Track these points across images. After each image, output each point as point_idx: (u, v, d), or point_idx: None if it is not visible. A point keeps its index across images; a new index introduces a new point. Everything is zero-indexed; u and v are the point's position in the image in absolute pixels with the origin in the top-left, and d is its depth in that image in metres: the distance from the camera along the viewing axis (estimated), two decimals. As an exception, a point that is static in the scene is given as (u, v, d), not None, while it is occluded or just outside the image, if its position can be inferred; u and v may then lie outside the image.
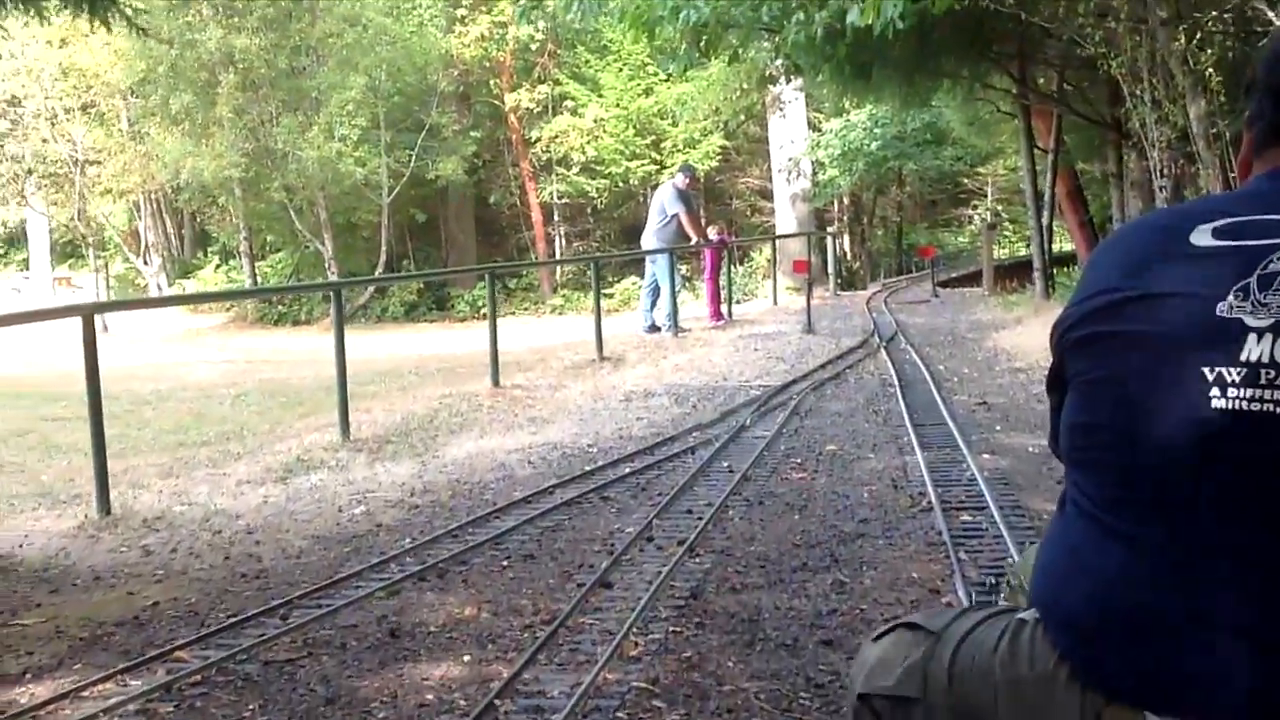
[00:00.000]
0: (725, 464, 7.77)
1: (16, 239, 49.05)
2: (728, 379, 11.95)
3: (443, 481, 7.84)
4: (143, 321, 31.77)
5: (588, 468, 7.85)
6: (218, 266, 36.48)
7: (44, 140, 31.67)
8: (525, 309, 30.74)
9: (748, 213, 35.06)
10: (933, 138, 29.89)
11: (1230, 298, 1.56)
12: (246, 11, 29.04)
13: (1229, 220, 1.65)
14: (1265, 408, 1.50)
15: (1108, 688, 1.65)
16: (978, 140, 26.07)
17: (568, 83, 31.66)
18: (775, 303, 21.36)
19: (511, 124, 32.17)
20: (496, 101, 32.25)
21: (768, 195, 32.62)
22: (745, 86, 24.03)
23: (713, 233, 18.46)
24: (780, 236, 28.46)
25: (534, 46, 31.43)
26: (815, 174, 30.40)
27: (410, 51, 29.93)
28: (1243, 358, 1.53)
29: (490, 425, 10.02)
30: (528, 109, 31.68)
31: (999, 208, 35.23)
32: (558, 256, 32.92)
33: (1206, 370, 1.54)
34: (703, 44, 13.78)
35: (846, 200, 34.13)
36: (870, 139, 29.30)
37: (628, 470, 7.70)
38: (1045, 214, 18.93)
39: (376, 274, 30.60)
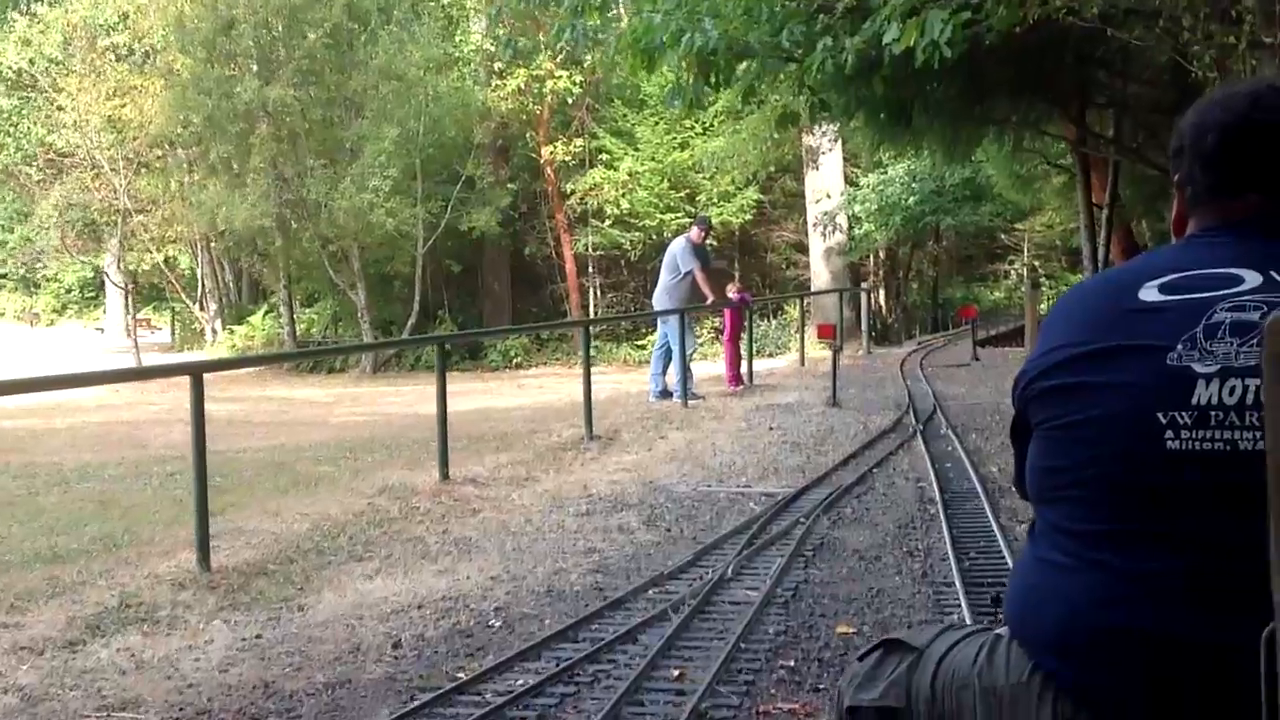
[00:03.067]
0: (671, 672, 4.54)
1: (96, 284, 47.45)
2: (725, 479, 8.74)
3: (251, 677, 4.70)
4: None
5: (461, 675, 4.64)
6: (266, 313, 33.71)
7: (85, 189, 29.28)
8: (558, 359, 27.69)
9: (783, 266, 32.05)
10: (972, 193, 26.74)
11: (1179, 347, 1.60)
12: (283, 63, 26.35)
13: (1173, 276, 1.68)
14: (1216, 446, 1.55)
15: (1076, 697, 1.66)
16: (1019, 196, 22.76)
17: (604, 136, 28.74)
18: (802, 363, 18.08)
19: (547, 176, 29.25)
20: (533, 154, 29.33)
21: (803, 249, 29.63)
22: (776, 137, 20.82)
23: (731, 291, 15.29)
24: (809, 294, 25.32)
25: (570, 100, 28.48)
26: (851, 228, 27.41)
27: (447, 104, 27.13)
28: (1193, 402, 1.57)
29: (400, 551, 6.90)
30: (564, 162, 28.75)
31: (1036, 264, 31.85)
32: (591, 307, 29.85)
33: (1160, 415, 1.58)
34: (712, 76, 10.53)
35: (882, 255, 31.02)
36: (908, 194, 26.26)
37: (520, 684, 4.47)
38: (1102, 276, 15.50)
39: (409, 324, 27.74)
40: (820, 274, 26.91)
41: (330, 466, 11.44)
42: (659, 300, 14.55)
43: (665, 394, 14.17)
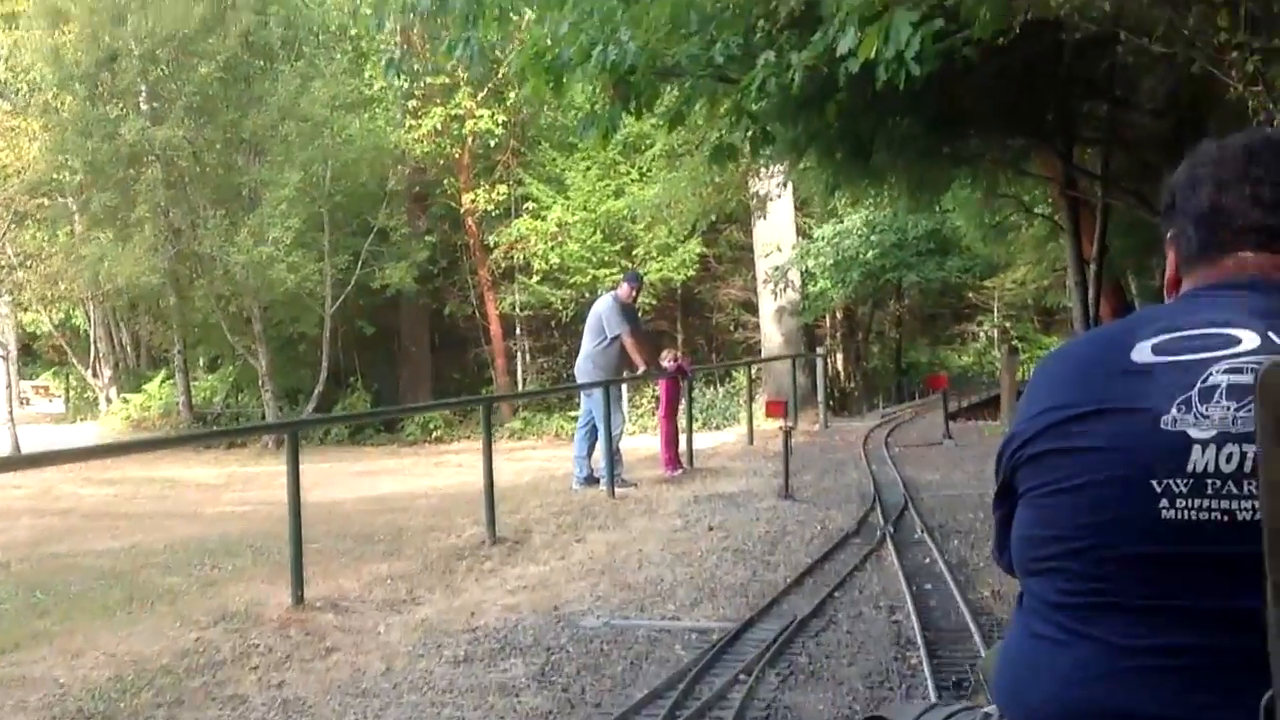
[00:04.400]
0: None
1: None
2: (649, 604, 7.32)
3: None
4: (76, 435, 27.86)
5: None
6: (165, 379, 32.02)
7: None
8: (480, 434, 26.15)
9: (730, 327, 30.91)
10: (937, 246, 25.72)
11: (1173, 411, 1.58)
12: (171, 99, 24.97)
13: (1167, 336, 1.67)
14: (1213, 516, 1.54)
15: None
16: (991, 248, 21.71)
17: (531, 182, 27.61)
18: (751, 440, 16.69)
19: (469, 227, 28.07)
20: (453, 203, 28.15)
21: (752, 308, 28.50)
22: (717, 180, 19.61)
23: (666, 359, 13.91)
24: (758, 360, 24.08)
25: (493, 142, 27.24)
26: (805, 285, 26.29)
27: (358, 147, 25.88)
28: (1189, 469, 1.56)
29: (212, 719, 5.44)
30: (486, 211, 27.59)
31: (1007, 324, 30.82)
32: (519, 373, 28.52)
33: (1155, 483, 1.57)
34: (631, 100, 9.20)
35: (839, 314, 29.92)
36: (866, 246, 25.19)
37: None
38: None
39: (316, 392, 26.27)
40: (771, 336, 25.77)
41: (179, 577, 9.98)
42: (582, 370, 13.20)
43: (591, 480, 12.80)
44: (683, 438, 14.41)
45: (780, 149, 11.81)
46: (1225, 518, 1.54)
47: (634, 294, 13.40)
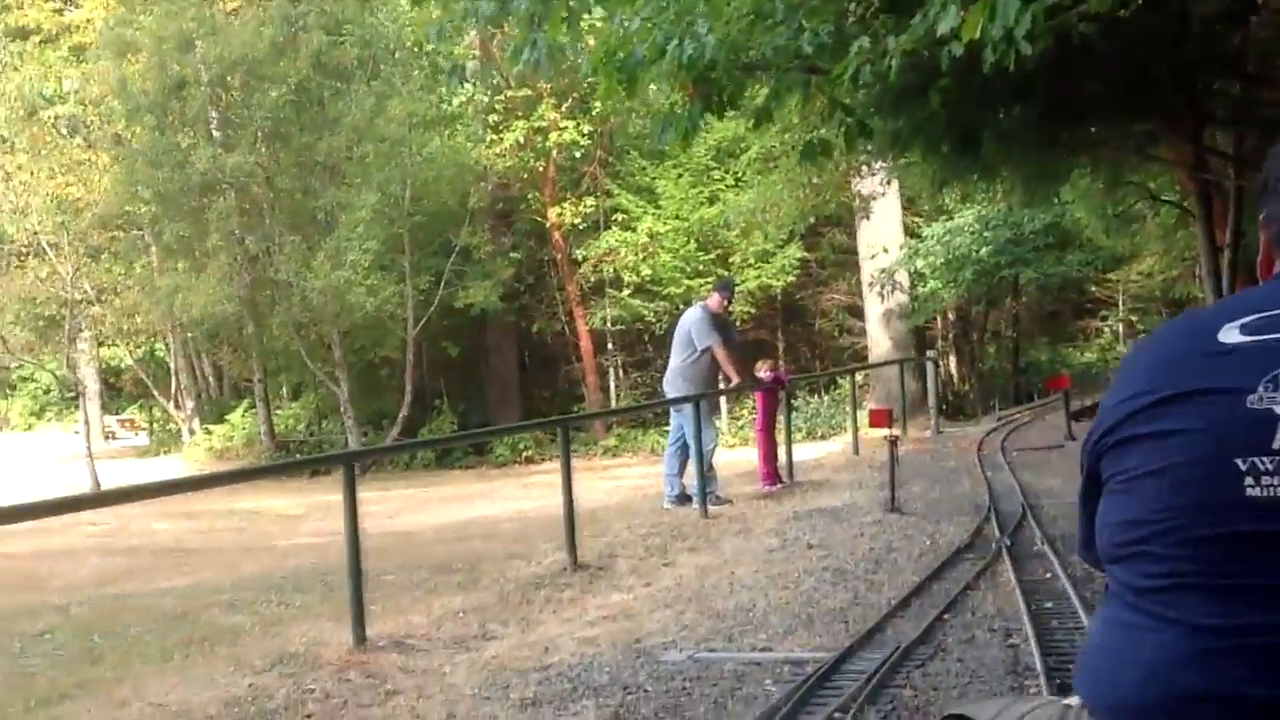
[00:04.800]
0: None
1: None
2: (738, 634, 6.91)
3: None
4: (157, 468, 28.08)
5: None
6: (246, 409, 32.28)
7: (38, 279, 28.07)
8: (575, 451, 25.82)
9: (835, 333, 30.36)
10: (1056, 240, 24.96)
11: (1260, 389, 1.60)
12: (243, 125, 25.12)
13: (1256, 316, 1.69)
14: None
15: None
16: (1114, 240, 20.98)
17: (619, 193, 27.34)
18: (856, 451, 16.21)
19: (555, 242, 27.80)
20: (538, 217, 27.94)
21: (857, 313, 28.00)
22: (815, 181, 19.13)
23: (762, 370, 13.50)
24: (863, 366, 23.49)
25: (579, 154, 27.00)
26: (914, 286, 25.76)
27: (437, 165, 25.82)
28: (1275, 446, 1.57)
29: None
30: (573, 225, 27.34)
31: (1133, 318, 29.87)
32: (612, 389, 28.21)
33: (1240, 461, 1.58)
34: (713, 98, 8.80)
35: (951, 315, 29.29)
36: (979, 244, 24.50)
37: None
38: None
39: (400, 416, 26.23)
40: (879, 341, 25.34)
41: (244, 615, 9.83)
42: (671, 385, 12.87)
43: (683, 498, 12.47)
44: (782, 450, 13.98)
45: (880, 144, 11.38)
46: None
47: (725, 304, 13.05)
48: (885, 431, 11.45)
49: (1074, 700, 1.80)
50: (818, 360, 30.36)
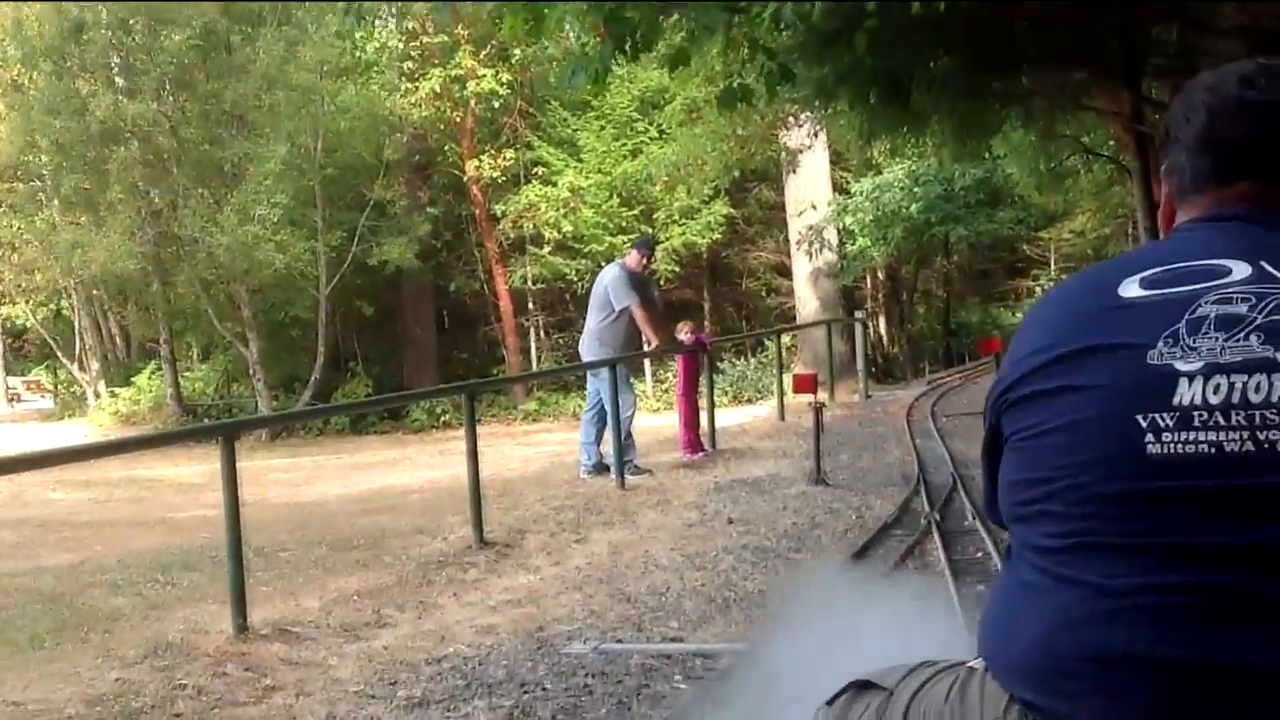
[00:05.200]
0: None
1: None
2: (649, 621, 6.52)
3: None
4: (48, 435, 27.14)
5: None
6: (154, 372, 31.44)
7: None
8: (494, 417, 25.52)
9: (762, 293, 30.00)
10: (988, 197, 24.76)
11: (1160, 345, 1.62)
12: (143, 72, 24.26)
13: (1156, 270, 1.71)
14: (1200, 449, 1.57)
15: None
16: (1047, 197, 20.80)
17: (540, 146, 26.77)
18: (782, 417, 15.87)
19: (474, 197, 27.17)
20: (456, 171, 27.27)
21: (785, 272, 27.61)
22: (741, 133, 18.69)
23: (683, 332, 13.09)
24: (789, 328, 23.24)
25: (498, 104, 26.37)
26: (842, 245, 25.48)
27: (352, 115, 25.12)
28: (1175, 402, 1.59)
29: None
30: (493, 179, 26.69)
31: (1065, 278, 29.81)
32: (533, 351, 27.75)
33: (1140, 418, 1.60)
34: (627, 39, 8.35)
35: (881, 275, 29.17)
36: (909, 200, 24.28)
37: None
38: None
39: (313, 379, 25.61)
40: (807, 301, 24.98)
41: (126, 597, 9.29)
42: (587, 348, 12.42)
43: (601, 468, 12.06)
44: (705, 417, 13.61)
45: (805, 93, 11.08)
46: (1213, 450, 1.56)
47: (645, 262, 12.59)
48: (810, 398, 11.06)
49: (978, 663, 1.79)
50: (745, 321, 30.10)
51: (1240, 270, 1.66)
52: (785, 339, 22.52)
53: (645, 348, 12.56)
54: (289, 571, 9.25)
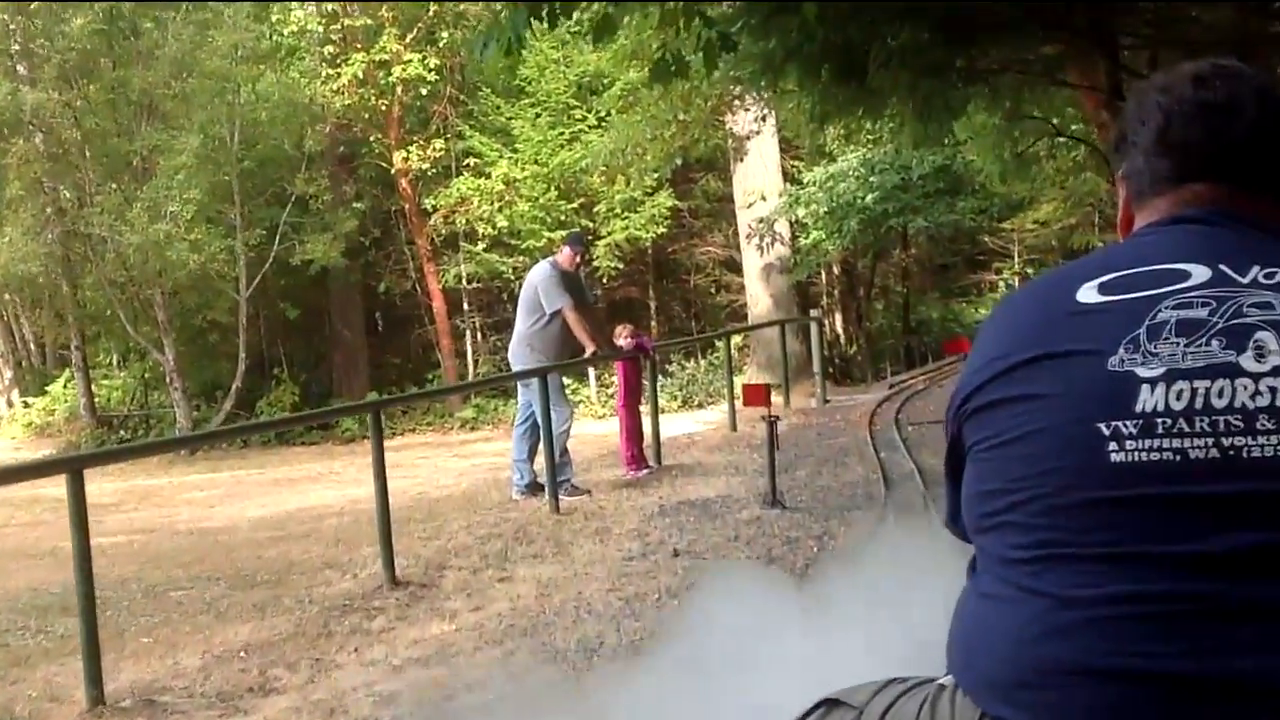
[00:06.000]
0: None
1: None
2: (575, 691, 5.68)
3: None
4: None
5: None
6: (68, 381, 30.33)
7: None
8: (430, 425, 24.62)
9: (712, 290, 29.16)
10: (947, 185, 23.97)
11: (1121, 351, 1.64)
12: (44, 58, 23.22)
13: (1115, 275, 1.73)
14: (1164, 456, 1.59)
15: None
16: (1010, 185, 20.11)
17: (472, 135, 25.76)
18: (734, 427, 15.08)
19: (403, 190, 26.17)
20: (383, 163, 26.26)
21: (735, 267, 26.80)
22: (683, 118, 17.86)
23: (622, 337, 12.29)
24: (738, 329, 22.56)
25: (425, 91, 25.45)
26: (795, 238, 24.66)
27: (268, 103, 24.15)
28: (1137, 409, 1.61)
29: None
30: (422, 170, 25.67)
31: (1029, 270, 29.24)
32: (469, 354, 26.88)
33: (1103, 426, 1.61)
34: (543, 3, 7.52)
35: (837, 269, 28.33)
36: (865, 190, 23.46)
37: None
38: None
39: (234, 387, 24.63)
40: (759, 298, 24.21)
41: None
42: (516, 355, 11.62)
43: (535, 487, 11.30)
44: (650, 427, 12.81)
45: (751, 70, 10.34)
46: (1177, 457, 1.58)
47: (578, 259, 11.79)
48: (761, 411, 10.24)
49: (948, 679, 1.79)
50: (694, 320, 29.28)
51: (1199, 274, 1.69)
52: (737, 340, 21.79)
53: (580, 355, 11.75)
54: (176, 618, 8.38)
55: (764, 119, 19.67)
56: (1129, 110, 1.88)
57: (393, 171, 25.97)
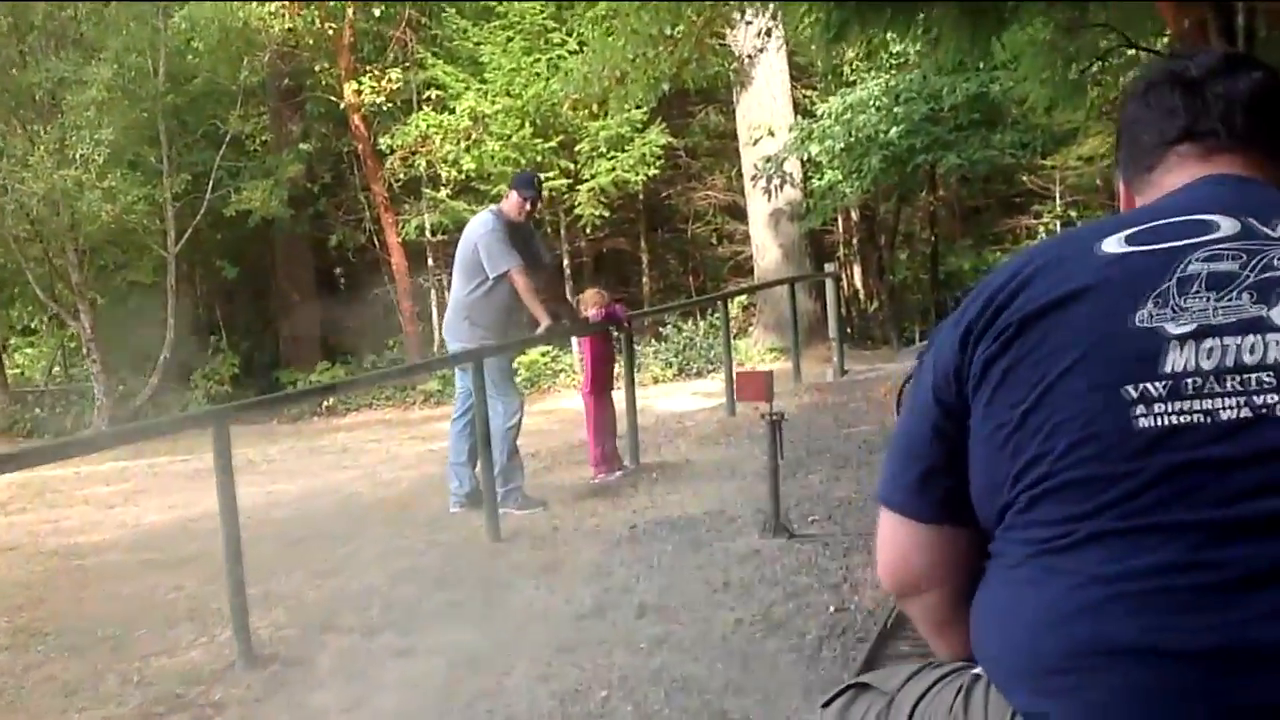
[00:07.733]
0: None
1: None
2: None
3: None
4: None
5: None
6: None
7: None
8: (389, 400, 23.03)
9: (712, 240, 27.77)
10: (982, 117, 22.35)
11: (1149, 305, 1.63)
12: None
13: (1142, 227, 1.74)
14: (1194, 419, 1.58)
15: None
16: (1058, 114, 18.52)
17: (434, 65, 24.17)
18: (733, 411, 13.25)
19: (355, 129, 24.53)
20: (333, 97, 24.67)
21: (739, 214, 25.40)
22: (672, 33, 15.97)
23: (589, 308, 10.46)
24: (740, 290, 21.26)
25: (381, 13, 23.89)
26: (808, 179, 23.23)
27: (197, 28, 22.53)
28: (1165, 369, 1.60)
29: None
30: (378, 105, 24.05)
31: (1073, 214, 27.60)
32: (434, 316, 25.27)
33: (1130, 388, 1.61)
34: None
35: (855, 215, 26.93)
36: (888, 123, 21.81)
37: None
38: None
39: (163, 358, 22.97)
40: (766, 249, 22.96)
41: None
42: (452, 329, 9.80)
43: (477, 496, 9.44)
44: (633, 417, 11.02)
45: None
46: (1207, 419, 1.57)
47: (528, 207, 9.85)
48: (759, 407, 8.35)
49: (982, 670, 1.78)
50: (691, 275, 27.86)
51: (1228, 226, 1.69)
52: (730, 305, 20.16)
53: (530, 329, 9.92)
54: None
55: (769, 33, 17.82)
56: (1128, 108, 1.95)
57: (343, 107, 24.42)
